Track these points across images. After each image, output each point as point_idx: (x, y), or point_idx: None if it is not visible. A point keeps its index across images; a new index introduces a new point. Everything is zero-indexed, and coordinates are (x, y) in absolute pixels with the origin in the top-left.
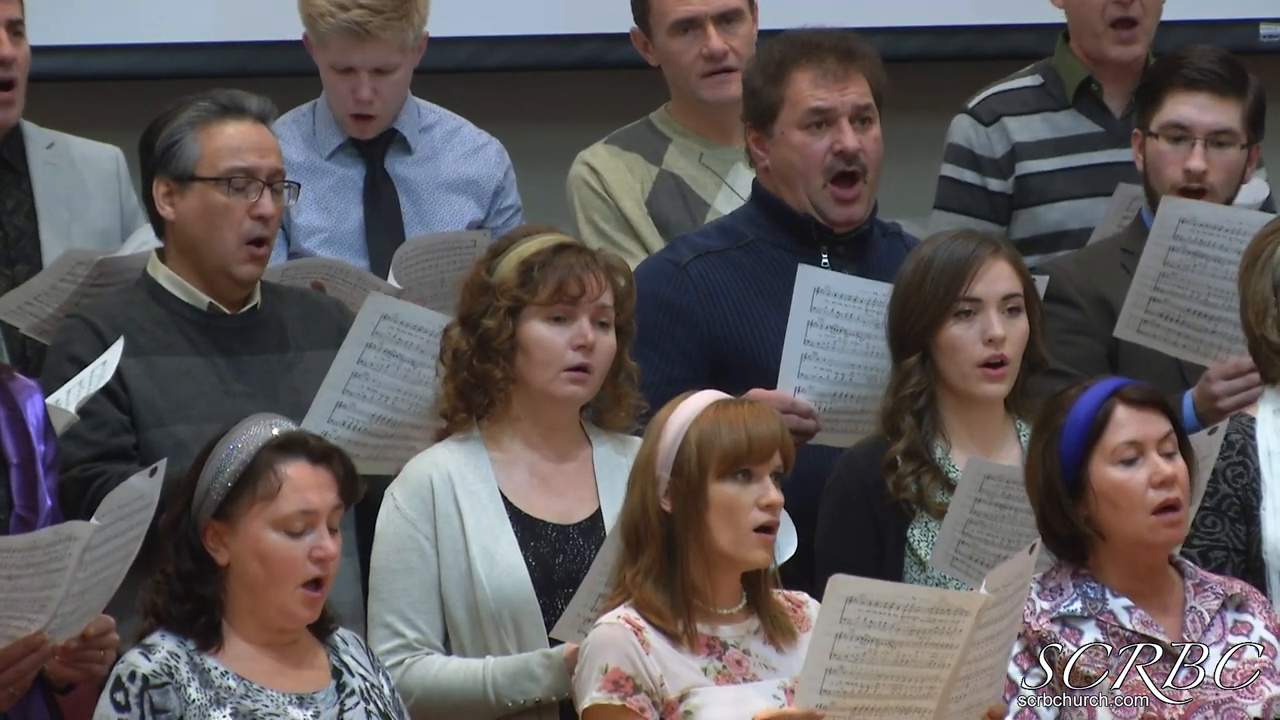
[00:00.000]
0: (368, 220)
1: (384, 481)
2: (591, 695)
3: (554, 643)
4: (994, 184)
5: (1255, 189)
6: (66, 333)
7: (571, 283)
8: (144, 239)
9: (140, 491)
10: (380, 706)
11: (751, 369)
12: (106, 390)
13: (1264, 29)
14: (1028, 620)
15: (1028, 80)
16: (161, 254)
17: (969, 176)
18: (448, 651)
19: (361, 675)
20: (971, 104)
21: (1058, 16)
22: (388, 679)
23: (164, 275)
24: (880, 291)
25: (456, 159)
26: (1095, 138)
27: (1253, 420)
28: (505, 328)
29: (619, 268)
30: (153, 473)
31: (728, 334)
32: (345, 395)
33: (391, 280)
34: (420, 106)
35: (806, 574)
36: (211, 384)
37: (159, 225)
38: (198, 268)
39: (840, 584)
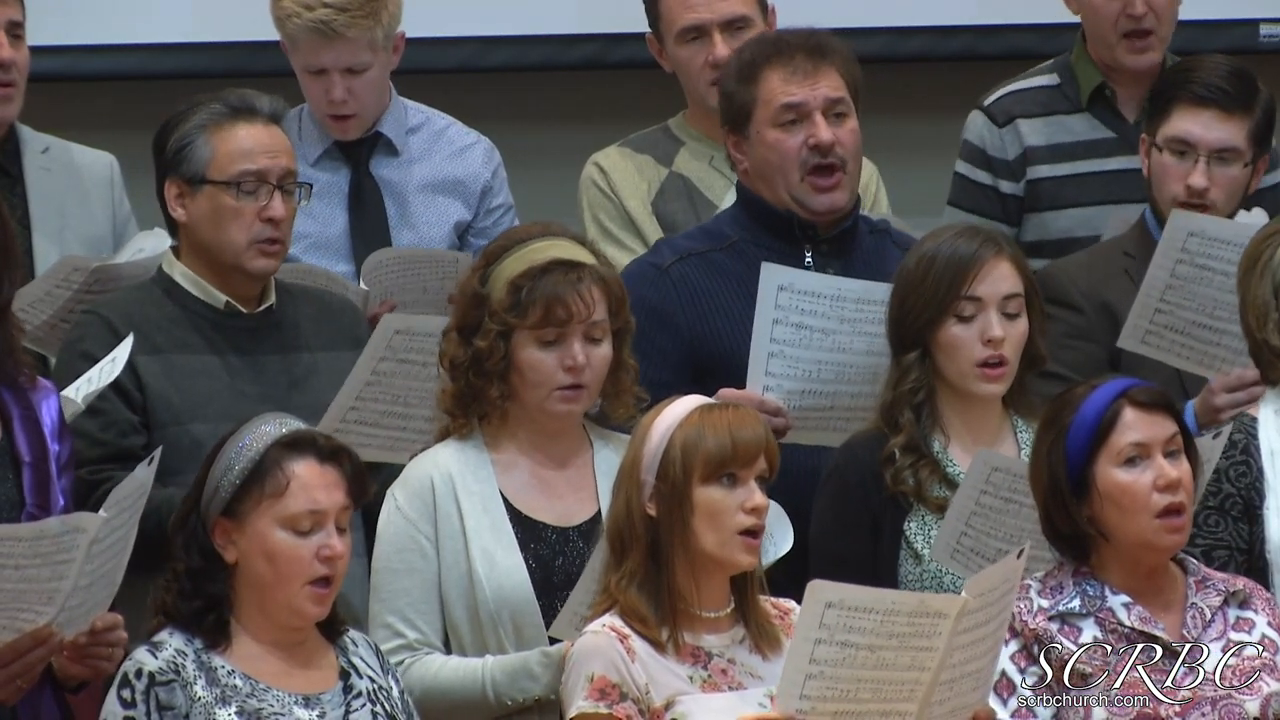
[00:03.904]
0: (352, 225)
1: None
2: (578, 704)
3: (553, 641)
4: (1005, 186)
5: (1255, 218)
6: (81, 329)
7: (558, 308)
8: (139, 246)
9: (141, 481)
10: (388, 708)
11: (734, 370)
12: (119, 389)
13: (1264, 29)
14: (1025, 619)
15: (1044, 79)
16: (177, 251)
17: (982, 177)
18: (448, 651)
19: (370, 677)
20: (987, 101)
21: (1060, 16)
22: (397, 681)
23: (180, 273)
24: (843, 287)
25: (443, 160)
26: (1108, 144)
27: (1255, 420)
28: (497, 349)
29: (610, 279)
30: (150, 461)
31: (710, 336)
32: (358, 400)
33: (361, 285)
34: (408, 108)
35: (801, 566)
36: (226, 383)
37: (172, 226)
38: (212, 267)
39: (819, 589)
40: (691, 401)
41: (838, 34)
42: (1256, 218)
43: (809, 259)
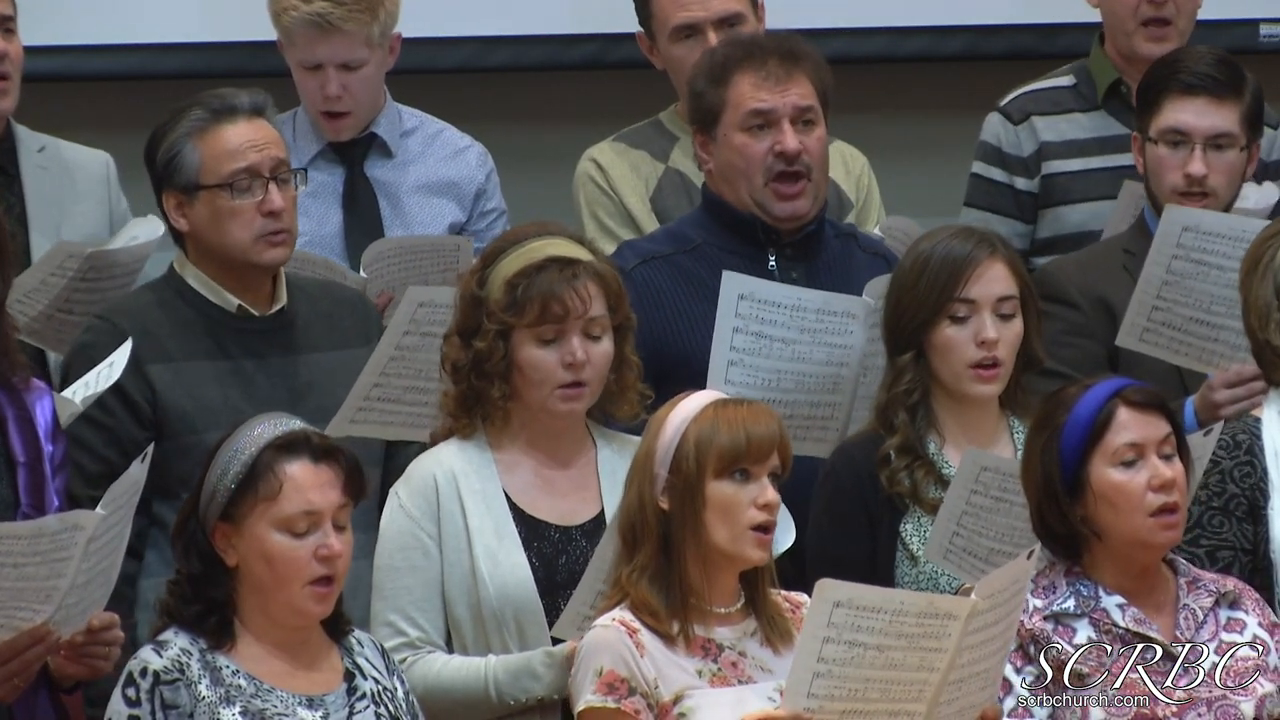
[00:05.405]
0: (347, 224)
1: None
2: (586, 698)
3: (556, 641)
4: (1020, 182)
5: (1267, 193)
6: (92, 334)
7: (554, 305)
8: (134, 233)
9: (135, 479)
10: (392, 710)
11: (696, 374)
12: (129, 403)
13: (1264, 29)
14: (1021, 618)
15: (1061, 80)
16: (188, 254)
17: (997, 174)
18: (450, 650)
19: (375, 678)
20: (1003, 102)
21: (1061, 17)
22: (403, 682)
23: (192, 275)
24: (804, 297)
25: (437, 162)
26: (1122, 139)
27: (1258, 420)
28: (497, 350)
29: (607, 275)
30: (144, 458)
31: (671, 339)
32: (382, 377)
33: (361, 273)
34: (402, 111)
35: (799, 566)
36: (239, 389)
37: (178, 237)
38: (225, 270)
39: (827, 588)
40: (706, 396)
41: (837, 34)
42: (1268, 192)
43: (773, 263)
